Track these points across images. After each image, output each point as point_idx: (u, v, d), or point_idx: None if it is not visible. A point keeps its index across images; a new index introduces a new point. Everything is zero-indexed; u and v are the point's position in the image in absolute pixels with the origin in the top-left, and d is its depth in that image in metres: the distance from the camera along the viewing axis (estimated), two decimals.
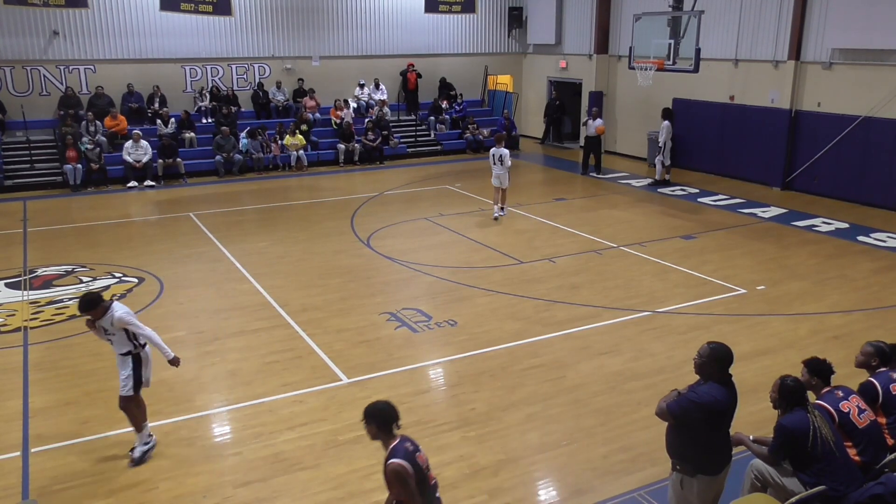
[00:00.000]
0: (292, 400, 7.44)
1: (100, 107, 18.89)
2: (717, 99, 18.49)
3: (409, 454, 4.27)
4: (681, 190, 17.25)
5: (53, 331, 9.19)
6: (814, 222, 14.26)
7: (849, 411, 5.09)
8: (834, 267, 11.60)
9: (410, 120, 23.05)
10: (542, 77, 24.54)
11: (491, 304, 10.05)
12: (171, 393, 7.59)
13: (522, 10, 24.60)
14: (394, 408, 4.43)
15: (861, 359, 5.73)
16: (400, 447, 4.30)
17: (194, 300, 10.27)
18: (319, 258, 12.18)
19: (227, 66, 20.95)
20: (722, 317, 9.60)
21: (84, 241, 13.30)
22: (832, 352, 8.00)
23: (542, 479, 6.22)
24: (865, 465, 4.99)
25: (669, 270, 11.43)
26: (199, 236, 13.46)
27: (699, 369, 4.69)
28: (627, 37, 18.34)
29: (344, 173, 19.76)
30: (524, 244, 12.86)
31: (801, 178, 16.85)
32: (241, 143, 19.30)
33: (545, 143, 24.14)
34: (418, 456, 4.32)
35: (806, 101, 16.55)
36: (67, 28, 18.80)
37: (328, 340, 8.86)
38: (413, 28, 23.14)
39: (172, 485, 6.06)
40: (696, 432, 4.60)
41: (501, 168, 14.30)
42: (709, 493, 4.74)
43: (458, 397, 7.51)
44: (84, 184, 17.57)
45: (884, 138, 15.03)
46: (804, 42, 16.31)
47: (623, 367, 8.15)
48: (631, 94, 20.90)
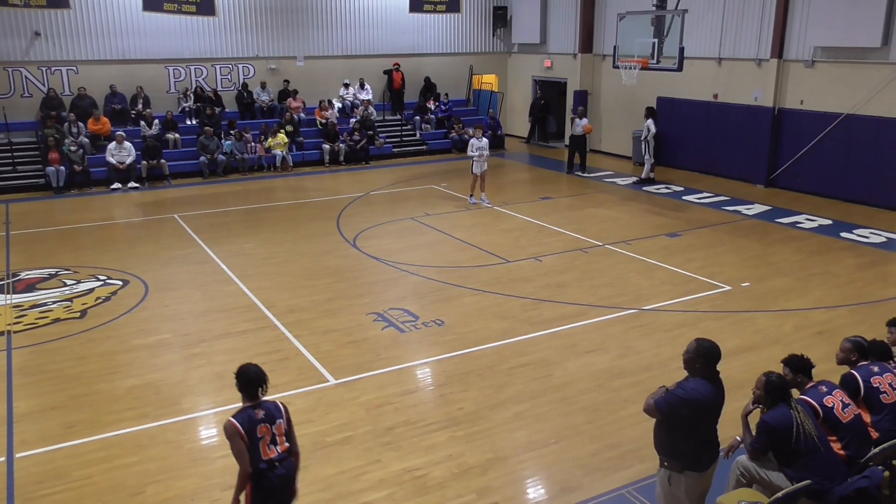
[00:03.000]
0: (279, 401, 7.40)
1: (82, 108, 18.72)
2: (701, 97, 18.61)
3: (251, 420, 4.52)
4: (665, 188, 17.34)
5: (37, 335, 9.10)
6: (797, 219, 14.39)
7: (833, 406, 5.14)
8: (817, 263, 11.70)
9: (396, 120, 23.02)
10: (527, 76, 24.59)
11: (478, 303, 10.06)
12: (158, 396, 7.54)
13: (507, 10, 24.63)
14: (257, 374, 4.63)
15: (841, 356, 5.79)
16: (245, 411, 4.58)
17: (180, 302, 10.21)
18: (305, 259, 12.14)
19: (211, 66, 20.82)
20: (707, 313, 9.67)
21: (68, 243, 13.19)
22: (816, 347, 8.08)
23: (530, 477, 6.24)
24: (850, 458, 5.04)
25: (655, 268, 11.49)
26: (184, 238, 13.38)
27: (686, 365, 4.72)
28: (612, 36, 18.42)
29: (329, 174, 19.71)
30: (510, 243, 12.88)
31: (785, 176, 16.99)
32: (225, 145, 19.20)
33: (530, 142, 24.20)
34: (261, 427, 4.52)
35: (789, 99, 16.69)
36: (49, 29, 18.62)
37: (315, 341, 8.84)
38: (398, 28, 23.11)
39: (160, 488, 6.02)
40: (684, 428, 4.63)
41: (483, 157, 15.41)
42: (696, 490, 4.77)
43: (446, 397, 7.51)
44: (67, 186, 17.41)
45: (865, 135, 15.19)
46: (787, 40, 16.45)
47: (610, 364, 8.19)
48: (615, 92, 20.99)
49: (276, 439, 4.61)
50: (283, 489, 4.65)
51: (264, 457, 4.52)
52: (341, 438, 6.70)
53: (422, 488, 5.98)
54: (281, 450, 4.63)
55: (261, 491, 4.54)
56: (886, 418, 5.36)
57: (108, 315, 9.71)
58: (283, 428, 4.67)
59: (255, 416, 4.55)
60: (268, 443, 4.55)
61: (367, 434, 6.78)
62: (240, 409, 4.62)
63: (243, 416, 4.55)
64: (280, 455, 4.61)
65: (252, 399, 4.64)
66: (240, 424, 4.49)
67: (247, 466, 4.47)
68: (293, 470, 4.73)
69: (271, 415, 4.63)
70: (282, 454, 4.63)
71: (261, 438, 4.53)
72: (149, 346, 8.75)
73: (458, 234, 13.49)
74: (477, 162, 15.35)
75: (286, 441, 4.68)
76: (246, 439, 4.47)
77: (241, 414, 4.56)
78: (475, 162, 15.37)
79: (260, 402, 4.65)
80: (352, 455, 6.44)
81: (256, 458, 4.50)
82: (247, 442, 4.48)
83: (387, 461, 6.35)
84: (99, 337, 9.03)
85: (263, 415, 4.59)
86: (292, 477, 4.73)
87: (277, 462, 4.58)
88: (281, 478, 4.59)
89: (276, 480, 4.56)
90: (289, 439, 4.71)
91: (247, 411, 4.58)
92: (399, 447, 6.57)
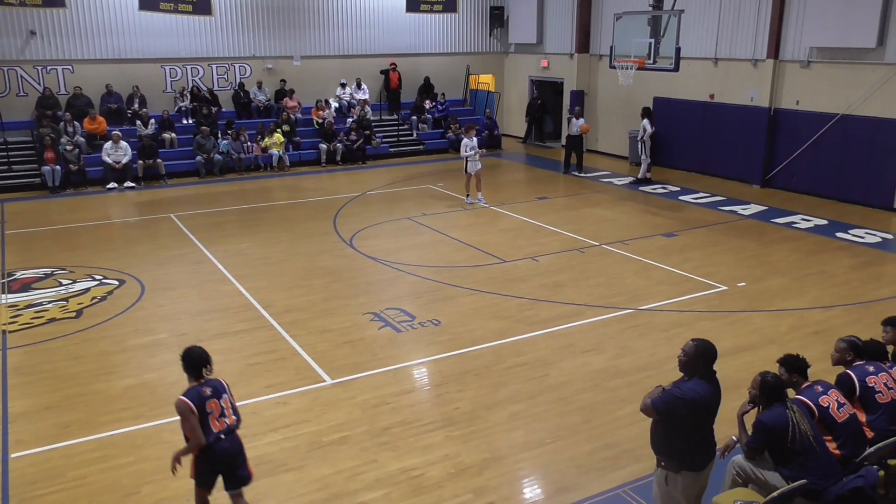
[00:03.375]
0: (276, 401, 7.41)
1: (78, 108, 18.67)
2: (698, 97, 18.63)
3: (201, 397, 4.94)
4: (662, 188, 17.36)
5: (33, 334, 9.07)
6: (793, 219, 14.42)
7: (828, 406, 5.15)
8: (813, 263, 11.73)
9: (392, 120, 23.02)
10: (524, 76, 24.59)
11: (474, 303, 10.06)
12: (154, 396, 7.52)
13: (504, 10, 24.63)
14: (202, 355, 5.07)
15: (836, 356, 5.79)
16: (195, 389, 4.99)
17: (176, 302, 10.19)
18: (302, 259, 12.13)
19: (208, 66, 20.79)
20: (704, 313, 9.68)
21: (63, 243, 13.15)
22: (812, 347, 8.10)
23: (526, 477, 6.24)
24: (845, 458, 5.05)
25: (651, 268, 11.51)
26: (181, 238, 13.36)
27: (683, 366, 4.72)
28: (608, 36, 18.45)
29: (326, 173, 19.69)
30: (507, 243, 12.88)
31: (781, 176, 17.02)
32: (221, 144, 19.17)
33: (527, 142, 24.21)
34: (210, 403, 4.95)
35: (785, 100, 16.72)
36: (45, 28, 18.56)
37: (311, 341, 8.83)
38: (395, 28, 23.10)
39: (155, 489, 6.00)
40: (681, 428, 4.63)
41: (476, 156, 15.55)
42: (693, 489, 4.78)
43: (443, 397, 7.51)
44: (63, 185, 17.37)
45: (861, 136, 15.22)
46: (783, 41, 16.48)
47: (606, 364, 8.19)
48: (612, 93, 20.99)
49: (224, 412, 5.02)
50: (227, 460, 5.04)
51: (214, 429, 4.94)
52: (338, 438, 6.69)
53: (418, 488, 5.98)
54: (229, 422, 5.03)
55: (205, 460, 4.96)
56: (881, 418, 5.37)
57: (103, 315, 9.69)
58: (229, 402, 5.08)
59: (203, 393, 4.96)
60: (216, 417, 4.97)
61: (363, 434, 6.78)
62: (189, 387, 5.00)
63: (193, 393, 4.95)
64: (228, 427, 5.02)
65: (198, 378, 5.04)
66: (190, 401, 4.88)
67: (201, 440, 4.87)
68: (238, 444, 5.11)
69: (217, 391, 5.05)
70: (230, 426, 5.03)
71: (210, 413, 4.94)
72: (145, 346, 8.73)
73: (455, 234, 13.49)
74: (471, 161, 15.43)
75: (233, 414, 5.08)
76: (197, 414, 4.87)
77: (191, 391, 4.96)
78: (470, 161, 15.44)
79: (206, 381, 5.05)
80: (348, 455, 6.43)
81: (207, 431, 4.90)
82: (198, 417, 4.87)
83: (383, 461, 6.35)
84: (94, 337, 9.01)
85: (211, 391, 5.01)
86: (237, 450, 5.10)
87: (224, 434, 4.99)
88: (225, 450, 4.99)
89: (220, 452, 4.97)
90: (236, 412, 5.13)
91: (196, 389, 4.98)
92: (395, 447, 6.56)
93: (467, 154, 15.42)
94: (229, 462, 5.06)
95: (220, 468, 5.06)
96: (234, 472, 5.12)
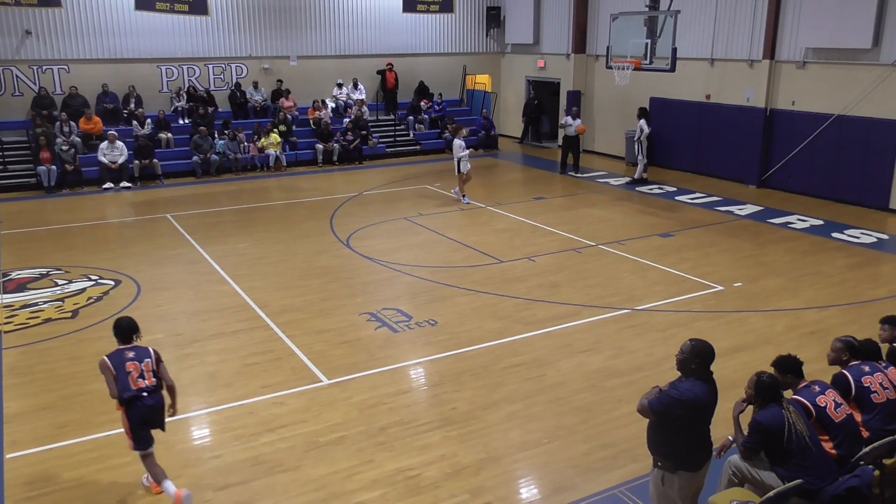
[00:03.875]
0: (272, 402, 7.40)
1: (74, 107, 18.62)
2: (694, 98, 18.66)
3: (121, 358, 5.73)
4: (658, 188, 17.39)
5: (29, 335, 9.05)
6: (789, 219, 14.45)
7: (825, 405, 5.16)
8: (809, 263, 11.75)
9: (389, 120, 23.01)
10: (521, 76, 24.60)
11: (471, 303, 10.06)
12: None
13: (500, 10, 24.65)
14: (129, 324, 5.92)
15: (832, 355, 5.81)
16: (119, 351, 5.81)
17: (172, 302, 10.17)
18: (299, 259, 12.11)
19: (204, 66, 20.75)
20: (700, 313, 9.69)
21: (59, 243, 13.12)
22: (808, 347, 8.12)
23: (523, 477, 6.24)
24: (841, 458, 5.06)
25: (648, 268, 11.52)
26: (177, 238, 13.34)
27: (681, 366, 4.73)
28: (605, 36, 18.46)
29: (323, 173, 19.68)
30: (504, 243, 12.89)
31: (777, 176, 17.06)
32: (218, 144, 19.14)
33: (524, 142, 24.21)
34: (129, 364, 5.70)
35: (781, 100, 16.76)
36: (40, 27, 18.51)
37: (308, 341, 8.82)
38: (391, 28, 23.09)
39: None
40: (678, 429, 4.64)
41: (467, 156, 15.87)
42: (689, 489, 4.79)
43: (440, 397, 7.51)
44: (59, 185, 17.33)
45: (856, 136, 15.26)
46: (778, 41, 16.52)
47: (603, 364, 8.20)
48: (608, 93, 21.02)
49: (144, 374, 5.75)
50: (152, 414, 5.76)
51: (133, 387, 5.67)
52: (334, 438, 6.69)
53: (415, 488, 5.98)
54: (148, 383, 5.74)
55: (133, 413, 5.70)
56: (877, 418, 5.39)
57: (99, 315, 9.66)
58: (150, 366, 5.80)
59: (125, 355, 5.77)
60: (136, 377, 5.70)
61: (360, 434, 6.77)
62: (113, 350, 5.82)
63: (115, 354, 5.80)
64: (148, 387, 5.73)
65: (126, 343, 5.88)
66: (110, 361, 5.73)
67: (114, 393, 5.68)
68: (161, 401, 5.84)
69: (140, 355, 5.81)
70: (149, 386, 5.74)
71: (129, 373, 5.69)
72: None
73: (452, 234, 13.49)
74: (464, 161, 15.60)
75: (153, 377, 5.79)
76: (114, 372, 5.68)
77: (115, 353, 5.80)
78: (463, 161, 15.58)
79: (132, 346, 5.87)
80: (345, 455, 6.43)
81: (125, 387, 5.65)
82: (114, 374, 5.67)
83: (380, 461, 6.35)
84: (91, 337, 8.99)
85: (133, 354, 5.79)
86: (160, 406, 5.82)
87: (145, 393, 5.70)
88: (150, 406, 5.73)
89: (144, 408, 5.70)
90: (157, 376, 5.84)
91: (120, 351, 5.81)
92: (392, 447, 6.56)
93: (461, 154, 15.57)
94: (157, 416, 5.80)
95: (150, 423, 5.77)
96: (151, 427, 5.81)
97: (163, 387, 5.87)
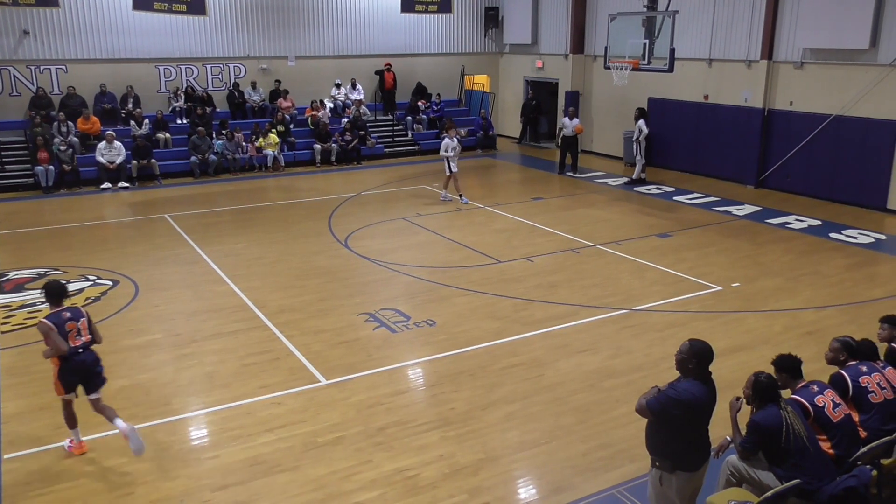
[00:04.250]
0: (270, 402, 7.40)
1: (72, 107, 18.60)
2: (692, 98, 18.67)
3: (60, 319, 6.21)
4: (656, 188, 17.40)
5: (26, 335, 9.02)
6: (787, 220, 14.46)
7: (824, 405, 5.17)
8: (807, 263, 11.76)
9: (387, 120, 23.01)
10: (519, 77, 24.61)
11: (469, 303, 10.06)
12: (148, 396, 7.51)
13: (498, 10, 24.65)
14: (60, 287, 6.41)
15: (830, 355, 5.82)
16: (56, 313, 6.25)
17: (170, 302, 10.16)
18: (297, 259, 12.11)
19: (202, 66, 20.73)
20: (698, 314, 9.70)
21: (57, 243, 13.11)
22: (806, 347, 8.12)
23: (521, 477, 6.24)
24: (839, 458, 5.07)
25: (646, 268, 11.53)
26: (175, 238, 13.32)
27: (679, 366, 4.73)
28: (603, 37, 18.45)
29: (321, 174, 19.67)
30: (502, 243, 12.89)
31: (775, 176, 17.07)
32: (216, 144, 19.12)
33: (522, 142, 24.22)
34: (68, 324, 6.20)
35: (778, 101, 16.78)
36: (38, 27, 18.49)
37: (306, 342, 8.82)
38: (389, 28, 23.08)
39: (149, 489, 5.99)
40: (676, 429, 4.64)
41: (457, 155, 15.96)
42: (687, 489, 4.79)
43: (438, 397, 7.51)
44: (56, 185, 17.31)
45: (854, 136, 15.28)
46: (776, 42, 16.54)
47: (601, 364, 8.20)
48: (607, 93, 21.03)
49: (81, 332, 6.28)
50: (85, 370, 6.30)
51: (72, 345, 6.18)
52: (332, 439, 6.69)
53: (413, 488, 5.98)
54: (84, 340, 6.29)
55: (67, 369, 6.20)
56: (874, 418, 5.39)
57: (97, 315, 9.58)
58: (85, 324, 6.32)
59: (63, 316, 6.23)
60: (74, 335, 6.22)
61: (358, 434, 6.77)
62: (51, 312, 6.23)
63: (54, 316, 6.21)
64: (84, 344, 6.27)
65: (58, 306, 6.32)
66: (51, 322, 6.11)
67: (63, 349, 6.10)
68: (94, 356, 6.37)
69: (76, 315, 6.30)
70: (85, 343, 6.29)
71: (69, 332, 6.19)
72: (139, 347, 8.71)
73: (450, 235, 13.49)
74: (453, 161, 15.68)
75: (88, 333, 6.32)
76: (56, 331, 6.06)
77: (52, 315, 6.21)
78: (451, 161, 15.68)
79: (66, 308, 6.33)
80: (343, 455, 6.43)
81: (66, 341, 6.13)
82: (57, 333, 6.04)
83: (378, 461, 6.35)
84: None
85: (70, 315, 6.27)
86: (94, 360, 6.36)
87: (81, 349, 6.25)
88: (83, 361, 6.27)
89: (79, 363, 6.24)
90: (90, 332, 6.36)
91: (57, 313, 6.24)
92: (390, 447, 6.56)
93: (448, 154, 15.67)
94: (87, 370, 6.32)
95: (79, 376, 6.30)
96: (92, 379, 6.36)
97: (95, 341, 6.47)
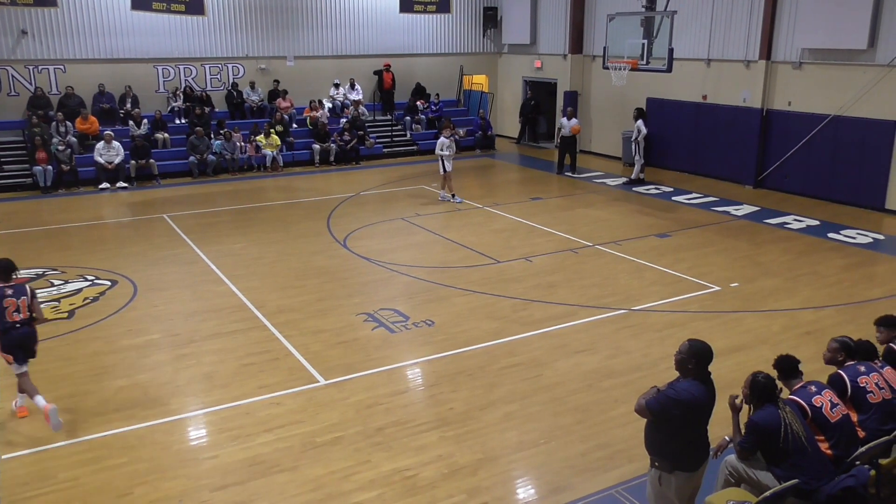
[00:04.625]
0: (269, 402, 7.39)
1: (70, 107, 18.58)
2: (691, 98, 18.68)
3: (1, 294, 6.67)
4: (655, 188, 17.41)
5: None
6: (786, 220, 14.47)
7: (822, 406, 5.17)
8: (805, 264, 11.77)
9: (386, 120, 23.00)
10: (518, 77, 24.62)
11: (468, 303, 10.06)
12: (146, 396, 7.50)
13: (497, 10, 24.66)
14: (8, 264, 6.88)
15: (828, 355, 5.82)
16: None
17: (169, 302, 10.16)
18: (296, 259, 12.10)
19: (201, 66, 20.73)
20: (697, 314, 9.71)
21: (55, 243, 13.09)
22: (804, 347, 8.14)
23: (520, 477, 6.24)
24: (837, 458, 5.07)
25: (645, 268, 11.53)
26: (174, 238, 13.32)
27: (678, 366, 4.73)
28: (601, 37, 18.47)
29: (320, 174, 19.67)
30: (501, 244, 12.89)
31: (773, 177, 17.09)
32: (214, 145, 19.11)
33: (521, 142, 24.22)
34: (7, 300, 6.70)
35: (777, 101, 16.79)
36: (36, 27, 18.47)
37: (305, 342, 8.82)
38: (388, 28, 23.08)
39: (148, 489, 5.99)
40: (675, 429, 4.64)
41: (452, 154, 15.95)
42: (686, 489, 4.79)
43: (437, 397, 7.51)
44: (55, 185, 17.29)
45: (852, 137, 15.29)
46: (775, 42, 16.55)
47: (600, 364, 8.21)
48: (605, 93, 21.04)
49: (20, 309, 6.76)
50: (22, 343, 6.82)
51: (9, 319, 6.70)
52: (331, 439, 6.68)
53: (412, 489, 5.97)
54: (23, 317, 6.78)
55: (6, 342, 6.73)
56: (873, 418, 5.40)
57: (96, 315, 9.65)
58: (26, 302, 6.79)
59: (4, 292, 6.74)
60: (12, 311, 6.72)
61: (357, 434, 6.77)
62: None
63: None
64: (22, 320, 6.77)
65: (5, 282, 6.80)
66: None
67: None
68: (29, 331, 6.86)
69: (18, 293, 6.79)
70: (24, 319, 6.79)
71: (6, 308, 6.68)
72: (137, 347, 8.71)
73: (449, 235, 13.49)
74: (448, 160, 15.66)
75: (28, 311, 6.81)
76: None
77: None
78: (446, 160, 15.65)
79: (10, 284, 6.80)
80: (342, 455, 6.43)
81: (2, 320, 6.66)
82: None
83: (377, 461, 6.35)
84: (87, 338, 8.97)
85: (12, 292, 6.76)
86: (28, 335, 6.86)
87: (19, 325, 6.75)
88: (21, 335, 6.79)
89: (17, 337, 6.76)
90: (31, 310, 6.86)
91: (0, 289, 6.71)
92: (389, 447, 6.56)
93: (443, 153, 15.63)
94: (21, 342, 6.80)
95: (22, 347, 6.81)
96: (23, 352, 6.83)
97: (37, 319, 6.96)
